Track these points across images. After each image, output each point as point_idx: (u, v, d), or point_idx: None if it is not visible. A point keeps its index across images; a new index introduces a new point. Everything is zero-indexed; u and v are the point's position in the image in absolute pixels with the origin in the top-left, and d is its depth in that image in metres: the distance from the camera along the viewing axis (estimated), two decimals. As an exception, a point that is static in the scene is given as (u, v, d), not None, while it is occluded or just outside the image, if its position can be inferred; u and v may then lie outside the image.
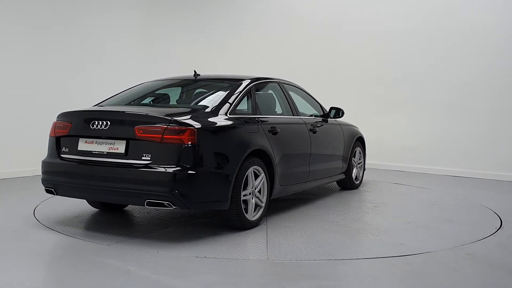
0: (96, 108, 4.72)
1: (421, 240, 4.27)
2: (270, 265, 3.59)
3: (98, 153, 4.18)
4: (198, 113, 4.30)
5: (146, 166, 3.95)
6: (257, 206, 4.59)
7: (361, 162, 6.91)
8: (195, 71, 5.46)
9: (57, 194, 4.44)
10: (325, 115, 6.12)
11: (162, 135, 3.92)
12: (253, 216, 4.52)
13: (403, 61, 8.73)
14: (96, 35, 8.35)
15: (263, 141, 4.63)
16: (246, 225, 4.44)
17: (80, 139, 4.30)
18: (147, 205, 3.97)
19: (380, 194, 6.51)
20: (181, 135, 3.92)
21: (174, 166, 3.90)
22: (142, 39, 9.25)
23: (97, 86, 8.01)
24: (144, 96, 5.10)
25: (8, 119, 7.18)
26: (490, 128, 7.98)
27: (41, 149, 6.73)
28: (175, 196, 3.88)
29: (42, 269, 3.66)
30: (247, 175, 4.38)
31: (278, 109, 5.55)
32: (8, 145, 7.13)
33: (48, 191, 4.49)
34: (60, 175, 4.39)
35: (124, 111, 4.38)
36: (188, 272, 3.44)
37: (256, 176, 4.55)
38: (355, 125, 6.99)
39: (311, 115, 5.97)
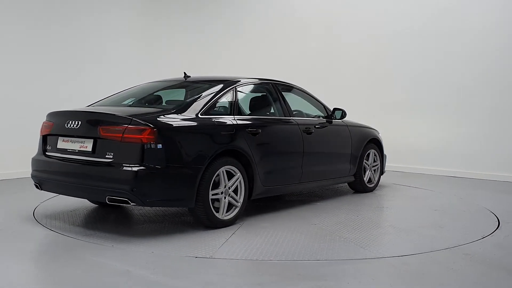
0: (72, 108, 4.88)
1: (384, 244, 4.20)
2: (269, 265, 3.61)
3: (71, 151, 4.43)
4: (166, 113, 4.41)
5: (108, 164, 4.13)
6: (232, 205, 4.64)
7: (376, 165, 6.74)
8: (185, 73, 5.58)
9: (41, 189, 4.71)
10: (329, 116, 6.04)
11: (123, 134, 4.10)
12: (226, 215, 4.57)
13: (403, 62, 8.74)
14: (95, 36, 8.36)
15: (238, 142, 4.67)
16: (216, 224, 4.49)
17: (59, 137, 4.58)
18: (108, 202, 4.14)
19: (390, 197, 6.35)
20: (140, 135, 4.07)
21: (133, 164, 4.04)
22: (142, 40, 9.27)
23: (97, 87, 8.02)
24: (134, 97, 5.19)
25: (8, 120, 7.19)
26: (489, 129, 7.99)
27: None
28: (133, 194, 4.02)
29: (42, 269, 3.67)
30: (218, 175, 4.46)
31: (268, 110, 5.57)
32: (8, 145, 7.15)
33: (36, 186, 4.76)
34: (44, 172, 4.66)
35: (92, 112, 4.54)
36: (188, 272, 3.46)
37: (232, 175, 4.61)
38: (370, 127, 6.83)
39: (317, 116, 5.93)
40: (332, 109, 6.13)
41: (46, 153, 4.69)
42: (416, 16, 8.59)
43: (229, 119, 4.76)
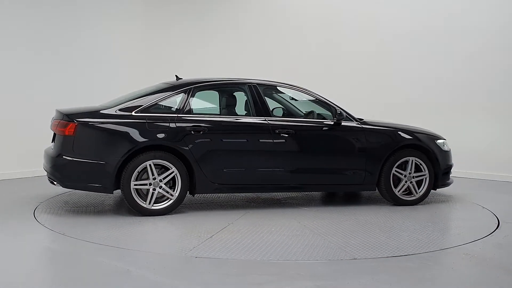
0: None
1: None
2: (269, 265, 3.62)
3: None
4: (100, 111, 5.05)
5: (51, 151, 5.11)
6: (166, 197, 5.02)
7: (424, 175, 5.72)
8: (176, 75, 5.82)
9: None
10: (335, 118, 5.62)
11: (57, 127, 5.02)
12: (155, 206, 4.98)
13: (402, 62, 8.72)
14: (98, 39, 8.35)
15: (172, 138, 5.01)
16: (143, 212, 4.95)
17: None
18: (49, 182, 5.15)
19: (408, 212, 5.40)
20: (65, 128, 4.89)
21: (58, 152, 4.93)
22: (143, 43, 9.29)
23: (98, 89, 8.03)
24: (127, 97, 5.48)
25: (9, 120, 7.17)
26: (489, 129, 7.99)
27: (41, 151, 6.75)
28: (54, 176, 4.99)
29: (42, 269, 3.68)
30: (146, 167, 4.91)
31: (235, 110, 5.61)
32: (9, 146, 7.14)
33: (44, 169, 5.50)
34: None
35: (56, 109, 5.29)
36: (188, 272, 3.47)
37: (167, 169, 5.00)
38: (418, 130, 5.98)
39: (328, 118, 5.66)
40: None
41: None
42: (417, 17, 8.58)
43: (168, 118, 5.06)
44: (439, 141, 5.99)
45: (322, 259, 3.76)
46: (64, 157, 4.87)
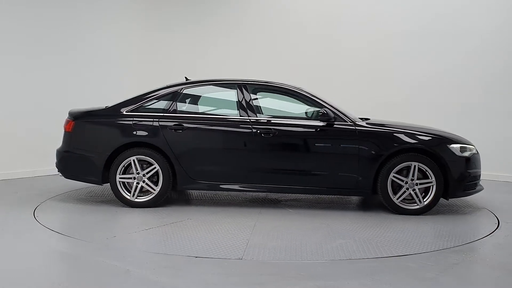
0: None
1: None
2: (269, 265, 3.62)
3: None
4: (97, 110, 5.60)
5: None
6: (149, 191, 5.39)
7: (431, 182, 5.26)
8: (186, 77, 6.08)
9: None
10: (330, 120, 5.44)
11: (64, 125, 5.62)
12: (138, 198, 5.38)
13: (401, 62, 8.73)
14: (100, 40, 8.37)
15: (153, 136, 5.36)
16: (128, 204, 5.38)
17: None
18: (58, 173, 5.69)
19: (407, 224, 4.86)
20: (67, 125, 5.55)
21: (61, 146, 5.59)
22: (144, 45, 9.31)
23: (99, 90, 8.05)
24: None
25: (9, 121, 7.18)
26: (489, 129, 7.99)
27: (41, 150, 6.77)
28: (58, 168, 5.60)
29: (42, 269, 3.67)
30: (130, 162, 5.32)
31: (225, 110, 5.68)
32: (9, 146, 7.15)
33: None
34: None
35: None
36: (188, 272, 3.47)
37: (151, 165, 5.35)
38: (427, 132, 5.50)
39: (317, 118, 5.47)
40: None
41: None
42: (417, 17, 8.59)
43: (152, 116, 5.42)
44: (453, 145, 5.41)
45: (322, 259, 3.76)
46: (65, 151, 5.53)
